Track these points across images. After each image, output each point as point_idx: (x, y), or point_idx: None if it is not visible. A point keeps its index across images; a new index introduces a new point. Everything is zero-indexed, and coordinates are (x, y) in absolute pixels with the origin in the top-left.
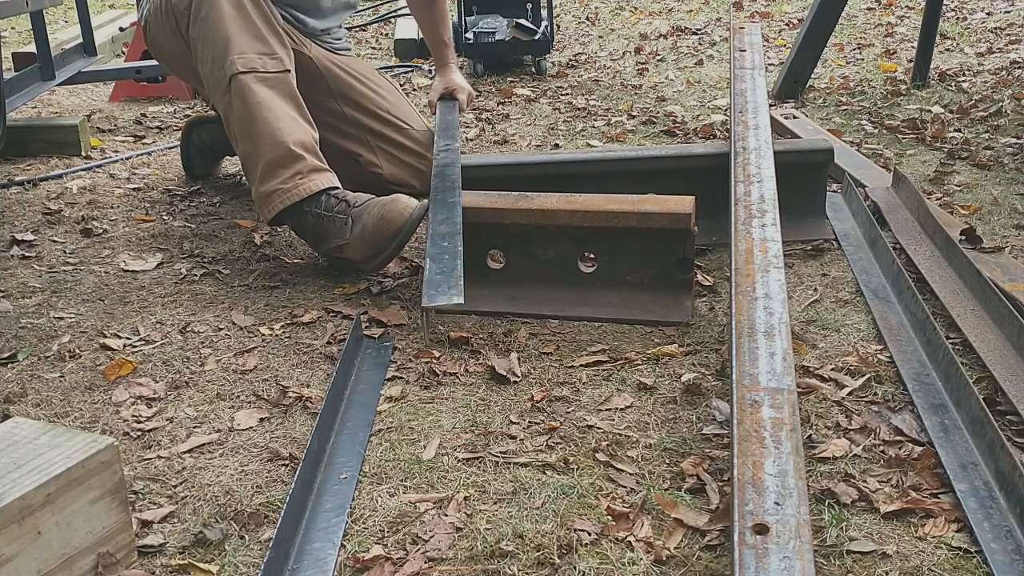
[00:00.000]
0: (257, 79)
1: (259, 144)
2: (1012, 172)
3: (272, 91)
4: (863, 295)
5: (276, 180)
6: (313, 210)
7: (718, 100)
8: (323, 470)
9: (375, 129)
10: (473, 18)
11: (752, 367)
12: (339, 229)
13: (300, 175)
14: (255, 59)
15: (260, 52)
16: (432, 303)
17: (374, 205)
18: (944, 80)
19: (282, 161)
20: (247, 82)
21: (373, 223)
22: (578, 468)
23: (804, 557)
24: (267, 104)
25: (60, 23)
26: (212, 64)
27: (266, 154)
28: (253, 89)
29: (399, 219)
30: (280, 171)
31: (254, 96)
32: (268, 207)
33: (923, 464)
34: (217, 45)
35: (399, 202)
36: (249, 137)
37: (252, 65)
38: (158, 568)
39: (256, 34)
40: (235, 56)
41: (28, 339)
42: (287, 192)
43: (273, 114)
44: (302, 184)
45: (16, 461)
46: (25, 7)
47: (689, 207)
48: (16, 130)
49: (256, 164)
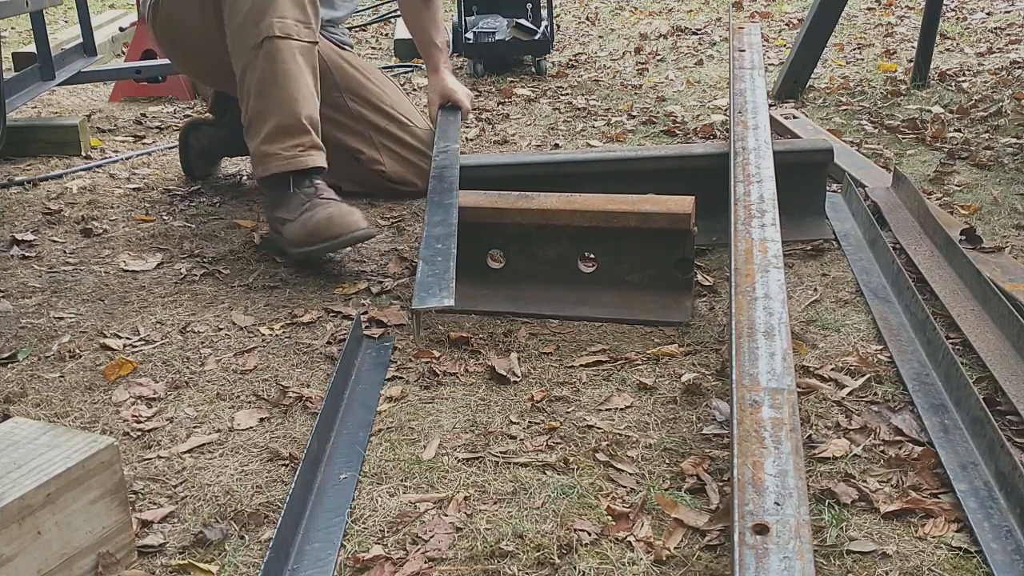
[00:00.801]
0: (291, 46)
1: (274, 106)
2: (1012, 172)
3: (301, 59)
4: (863, 295)
5: (280, 145)
6: (294, 182)
7: (718, 100)
8: (323, 470)
9: (379, 125)
10: (473, 18)
11: (752, 367)
12: (294, 207)
13: (302, 147)
14: (292, 26)
15: (298, 19)
16: (422, 305)
17: (331, 206)
18: (944, 80)
19: (291, 130)
20: (280, 47)
21: (319, 219)
22: (578, 468)
23: (804, 557)
24: (293, 73)
25: (60, 23)
26: (247, 17)
27: (278, 118)
28: (284, 56)
29: (339, 229)
30: (286, 138)
31: (283, 63)
32: (264, 166)
33: (923, 464)
34: (257, 4)
35: (352, 215)
36: (266, 97)
37: (288, 31)
38: (158, 568)
39: (299, 1)
40: (275, 19)
41: (28, 339)
42: (287, 160)
43: (296, 84)
44: (301, 156)
45: (16, 461)
46: (25, 7)
47: (689, 207)
48: (16, 130)
49: (264, 123)
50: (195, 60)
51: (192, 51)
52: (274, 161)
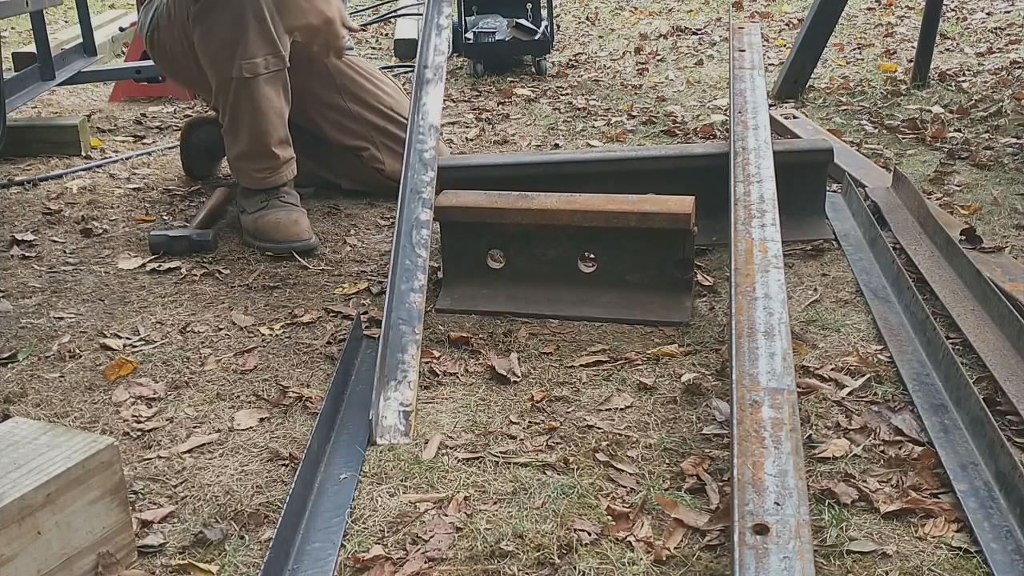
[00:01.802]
0: (258, 82)
1: (245, 134)
2: (1012, 172)
3: (269, 89)
4: (863, 295)
5: (251, 165)
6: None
7: (718, 100)
8: (323, 470)
9: (379, 125)
10: (473, 18)
11: (752, 367)
12: (255, 202)
13: (271, 170)
14: (260, 63)
15: (267, 53)
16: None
17: (283, 211)
18: (944, 80)
19: (260, 155)
20: (249, 85)
21: (267, 221)
22: (578, 468)
23: (804, 557)
24: (261, 108)
25: (60, 23)
26: (216, 54)
27: (249, 145)
28: (252, 94)
29: (282, 236)
30: (257, 161)
31: (251, 100)
32: (236, 175)
33: (923, 464)
34: (226, 41)
35: (297, 225)
36: (238, 124)
37: (256, 71)
38: (158, 568)
39: (266, 34)
40: (243, 61)
41: (28, 339)
42: (256, 179)
43: (263, 116)
44: (270, 177)
45: (16, 461)
46: (25, 7)
47: (689, 207)
48: (16, 130)
49: (236, 143)
50: (190, 83)
51: (186, 77)
52: (244, 176)
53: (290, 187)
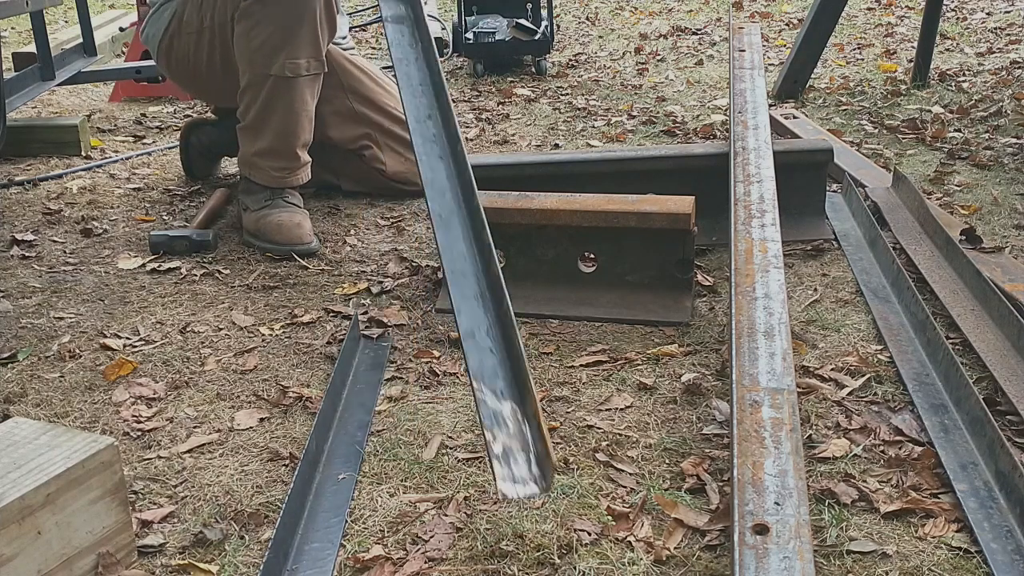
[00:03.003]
0: (298, 83)
1: (271, 132)
2: (1012, 172)
3: (306, 92)
4: (863, 295)
5: (269, 163)
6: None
7: (718, 100)
8: (321, 470)
9: (383, 125)
10: (473, 18)
11: (752, 367)
12: (258, 200)
13: (289, 171)
14: (303, 65)
15: (311, 56)
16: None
17: (287, 212)
18: (944, 80)
19: (282, 155)
20: (289, 85)
21: (270, 221)
22: (578, 468)
23: (804, 557)
24: (295, 109)
25: (60, 23)
26: (260, 47)
27: (273, 142)
28: (291, 95)
29: (284, 238)
30: (277, 160)
31: (288, 100)
32: (249, 170)
33: (923, 464)
34: (274, 37)
35: (300, 228)
36: (265, 122)
37: (298, 71)
38: (158, 568)
39: (315, 37)
40: (287, 60)
41: (28, 339)
42: (272, 177)
43: (296, 118)
44: (287, 178)
45: (16, 461)
46: (25, 7)
47: (689, 207)
48: (16, 130)
49: (258, 139)
50: (201, 90)
51: (198, 85)
52: (260, 173)
53: (296, 188)
